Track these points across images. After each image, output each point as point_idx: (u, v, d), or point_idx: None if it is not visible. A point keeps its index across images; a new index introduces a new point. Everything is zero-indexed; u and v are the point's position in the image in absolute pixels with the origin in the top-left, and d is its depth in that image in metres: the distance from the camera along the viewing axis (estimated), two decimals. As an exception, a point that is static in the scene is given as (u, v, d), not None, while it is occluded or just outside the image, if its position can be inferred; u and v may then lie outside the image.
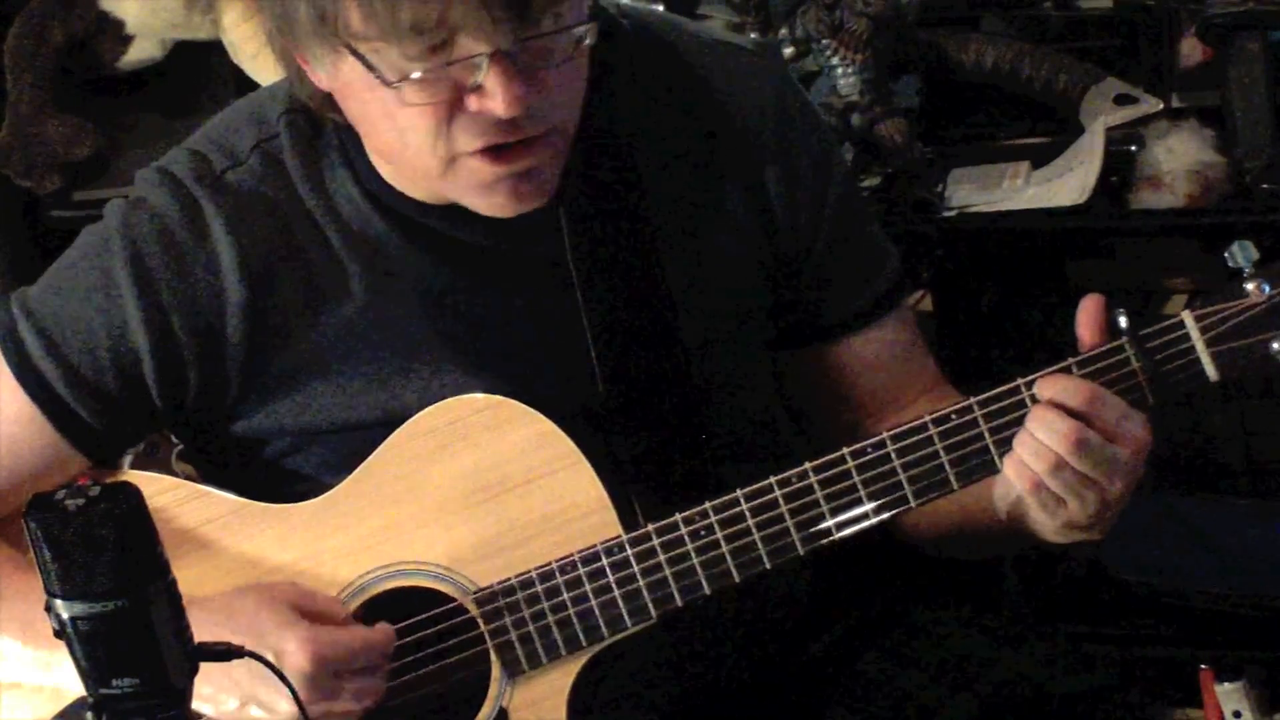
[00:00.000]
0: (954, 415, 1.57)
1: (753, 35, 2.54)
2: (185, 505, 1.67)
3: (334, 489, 1.65)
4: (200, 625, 1.30)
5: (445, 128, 1.51)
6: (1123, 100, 2.50)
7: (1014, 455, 1.55)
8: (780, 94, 1.71)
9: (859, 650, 1.78)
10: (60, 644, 1.27)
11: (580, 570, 1.61)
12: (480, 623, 1.63)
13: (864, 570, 1.83)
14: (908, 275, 1.82)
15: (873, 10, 2.46)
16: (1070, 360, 1.56)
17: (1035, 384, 1.55)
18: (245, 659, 1.34)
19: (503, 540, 1.62)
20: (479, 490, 1.62)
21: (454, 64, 1.47)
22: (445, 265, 1.64)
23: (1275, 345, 1.54)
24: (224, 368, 1.64)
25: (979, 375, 1.64)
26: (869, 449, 1.58)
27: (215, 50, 2.72)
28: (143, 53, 2.77)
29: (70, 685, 1.36)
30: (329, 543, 1.65)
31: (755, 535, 1.59)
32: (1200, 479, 2.61)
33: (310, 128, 1.64)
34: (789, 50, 2.50)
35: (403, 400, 1.64)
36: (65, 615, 1.25)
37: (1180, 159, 2.36)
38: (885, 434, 1.58)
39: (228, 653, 1.33)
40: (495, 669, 1.63)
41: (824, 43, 2.47)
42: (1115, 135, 2.43)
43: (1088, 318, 1.57)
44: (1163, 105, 2.48)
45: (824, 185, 1.71)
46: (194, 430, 1.70)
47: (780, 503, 1.59)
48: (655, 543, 1.60)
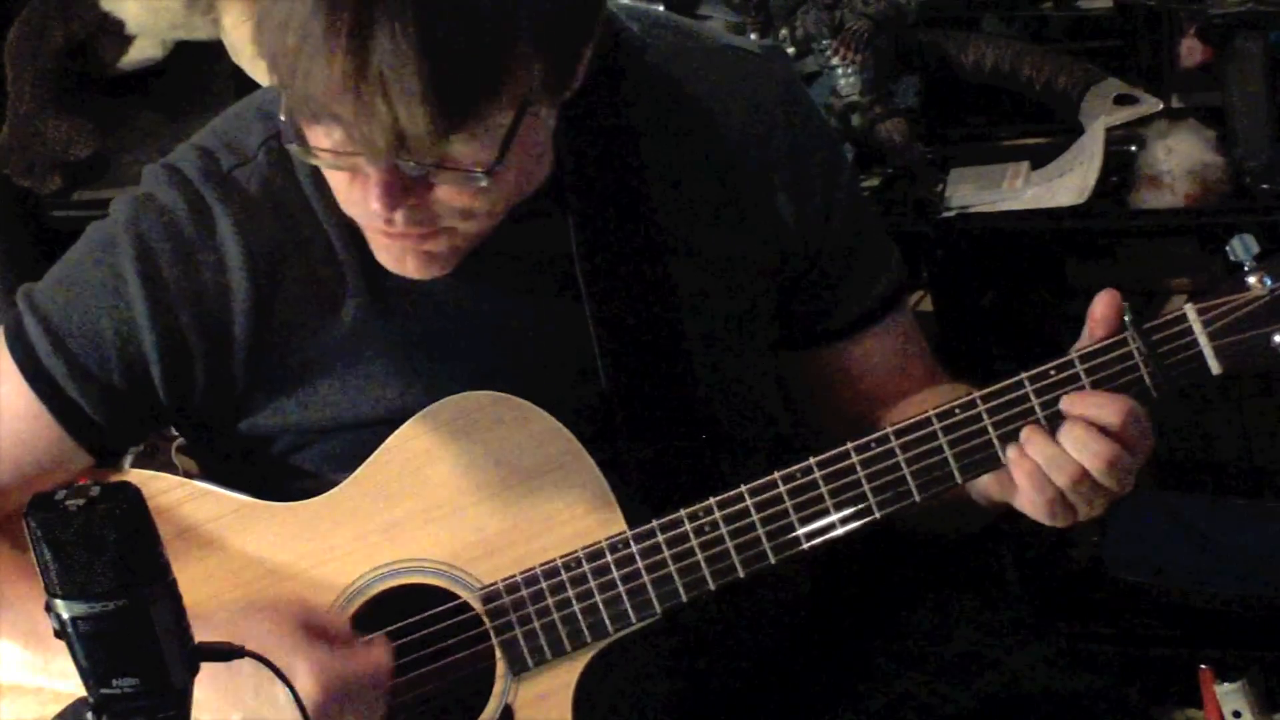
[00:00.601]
0: (958, 410, 1.58)
1: (753, 35, 2.54)
2: (187, 504, 1.67)
3: (337, 486, 1.65)
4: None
5: (348, 192, 1.51)
6: (1123, 100, 2.50)
7: (1031, 465, 1.55)
8: (788, 99, 1.71)
9: (860, 649, 1.79)
10: (61, 644, 1.27)
11: (585, 567, 1.61)
12: (485, 620, 1.63)
13: (865, 569, 1.83)
14: (908, 275, 1.83)
15: (873, 10, 2.46)
16: (1073, 353, 1.57)
17: (1061, 400, 1.55)
18: (248, 663, 1.34)
19: (507, 537, 1.62)
20: (483, 487, 1.62)
21: (344, 152, 1.44)
22: (449, 264, 1.64)
23: (1277, 338, 1.54)
24: (230, 365, 1.64)
25: (979, 375, 1.64)
26: (873, 444, 1.59)
27: (215, 50, 2.73)
28: (143, 53, 2.77)
29: (70, 686, 1.36)
30: (332, 541, 1.65)
31: (760, 530, 1.59)
32: (1200, 479, 2.61)
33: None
34: (789, 50, 2.51)
35: (406, 398, 1.63)
36: (65, 615, 1.25)
37: (1180, 159, 2.37)
38: (889, 429, 1.59)
39: (228, 653, 1.33)
40: (500, 666, 1.63)
41: (824, 43, 2.48)
42: (1115, 135, 2.43)
43: (1103, 311, 1.57)
44: (1163, 105, 2.49)
45: (831, 190, 1.72)
46: (198, 427, 1.70)
47: (785, 498, 1.59)
48: (660, 539, 1.60)
